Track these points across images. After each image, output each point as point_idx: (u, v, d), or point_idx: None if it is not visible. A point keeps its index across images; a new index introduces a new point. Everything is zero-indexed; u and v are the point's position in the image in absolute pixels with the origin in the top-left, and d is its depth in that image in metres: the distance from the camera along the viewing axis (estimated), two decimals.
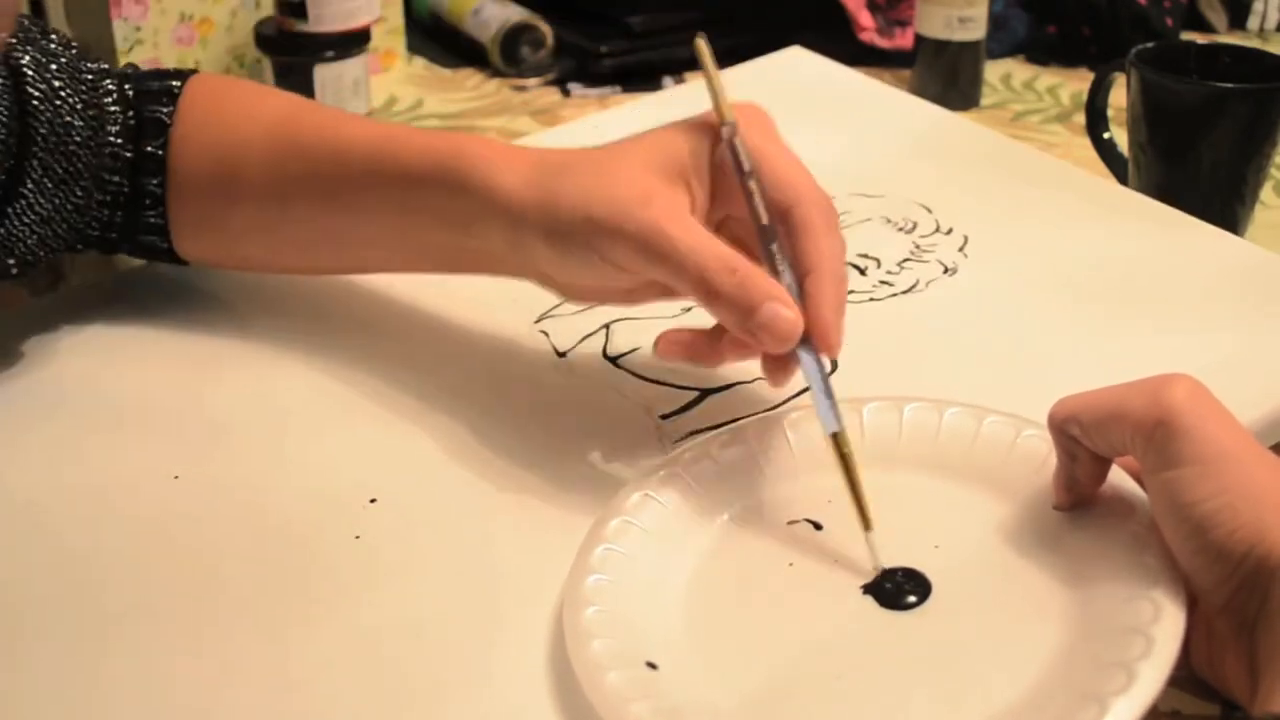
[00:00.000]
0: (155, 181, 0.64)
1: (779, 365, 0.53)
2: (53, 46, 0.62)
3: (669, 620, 0.47)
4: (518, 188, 0.55)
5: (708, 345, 0.54)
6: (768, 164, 0.53)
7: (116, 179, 0.64)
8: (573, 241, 0.53)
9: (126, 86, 0.65)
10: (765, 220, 0.52)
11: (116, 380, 0.63)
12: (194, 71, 0.67)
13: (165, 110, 0.64)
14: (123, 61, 0.97)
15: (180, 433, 0.59)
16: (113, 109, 0.64)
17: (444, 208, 0.58)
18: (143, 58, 0.98)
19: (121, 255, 0.75)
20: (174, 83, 0.65)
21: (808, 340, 0.51)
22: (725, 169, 0.54)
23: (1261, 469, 0.43)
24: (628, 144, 0.55)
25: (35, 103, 0.61)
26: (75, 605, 0.50)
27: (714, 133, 0.54)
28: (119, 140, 0.64)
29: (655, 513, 0.51)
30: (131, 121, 0.64)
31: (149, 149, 0.64)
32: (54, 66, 0.62)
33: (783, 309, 0.50)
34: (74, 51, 0.63)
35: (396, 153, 0.59)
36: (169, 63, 1.00)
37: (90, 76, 0.63)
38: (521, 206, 0.54)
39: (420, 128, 0.67)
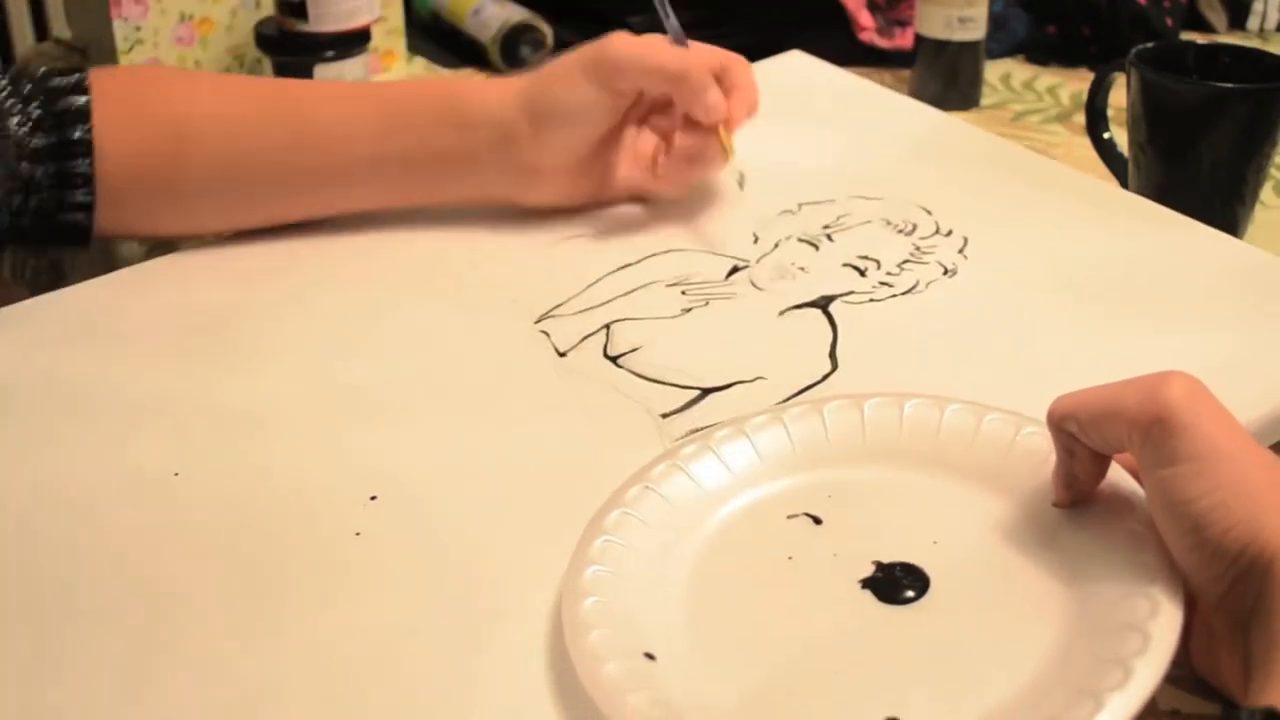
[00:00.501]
0: (83, 162, 0.67)
1: (701, 139, 0.73)
2: None
3: (668, 612, 0.47)
4: (508, 93, 0.72)
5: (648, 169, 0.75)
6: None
7: (26, 165, 0.67)
8: (568, 87, 0.71)
9: (24, 84, 0.68)
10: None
11: (116, 379, 0.63)
12: (87, 61, 0.72)
13: (81, 99, 0.68)
14: (123, 62, 0.97)
15: (180, 430, 0.59)
16: (10, 102, 0.67)
17: (435, 119, 0.72)
18: (143, 58, 0.98)
19: (122, 253, 0.76)
20: (77, 72, 0.69)
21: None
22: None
23: (1257, 467, 0.43)
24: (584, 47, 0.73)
25: None
26: (75, 603, 0.50)
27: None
28: (22, 130, 0.66)
29: (655, 505, 0.51)
30: (37, 113, 0.67)
31: (76, 135, 0.67)
32: None
33: (718, 93, 0.72)
34: None
35: (371, 86, 0.75)
36: (169, 62, 1.00)
37: None
38: (517, 98, 0.71)
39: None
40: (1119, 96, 0.83)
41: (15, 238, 0.69)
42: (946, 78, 1.01)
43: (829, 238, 0.73)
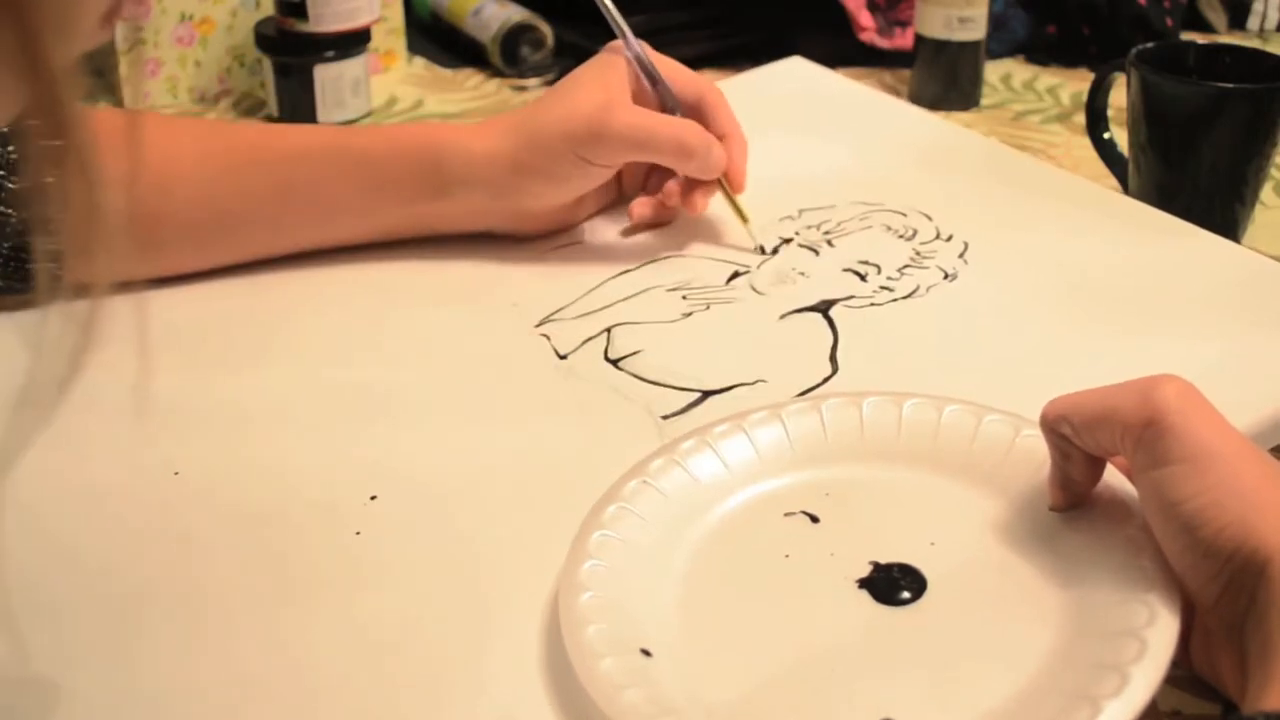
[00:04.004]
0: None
1: (697, 193, 0.72)
2: None
3: (664, 608, 0.48)
4: (493, 150, 0.69)
5: (664, 199, 0.73)
6: (668, 71, 0.73)
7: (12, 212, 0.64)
8: (558, 161, 0.68)
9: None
10: (679, 111, 0.73)
11: (116, 378, 0.63)
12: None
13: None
14: (123, 62, 0.97)
15: (180, 429, 0.59)
16: None
17: (415, 186, 0.69)
18: (143, 58, 0.98)
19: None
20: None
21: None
22: (638, 82, 0.72)
23: (1249, 467, 0.43)
24: (571, 77, 0.71)
25: None
26: (74, 602, 0.50)
27: (623, 57, 0.72)
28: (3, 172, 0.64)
29: (652, 500, 0.51)
30: (13, 155, 0.64)
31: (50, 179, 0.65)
32: None
33: (720, 150, 0.71)
34: None
35: (353, 143, 0.70)
36: (169, 62, 1.00)
37: None
38: (501, 158, 0.69)
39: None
40: (1119, 96, 0.83)
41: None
42: (946, 78, 1.01)
43: (829, 243, 0.73)
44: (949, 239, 0.73)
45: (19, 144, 0.65)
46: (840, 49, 1.05)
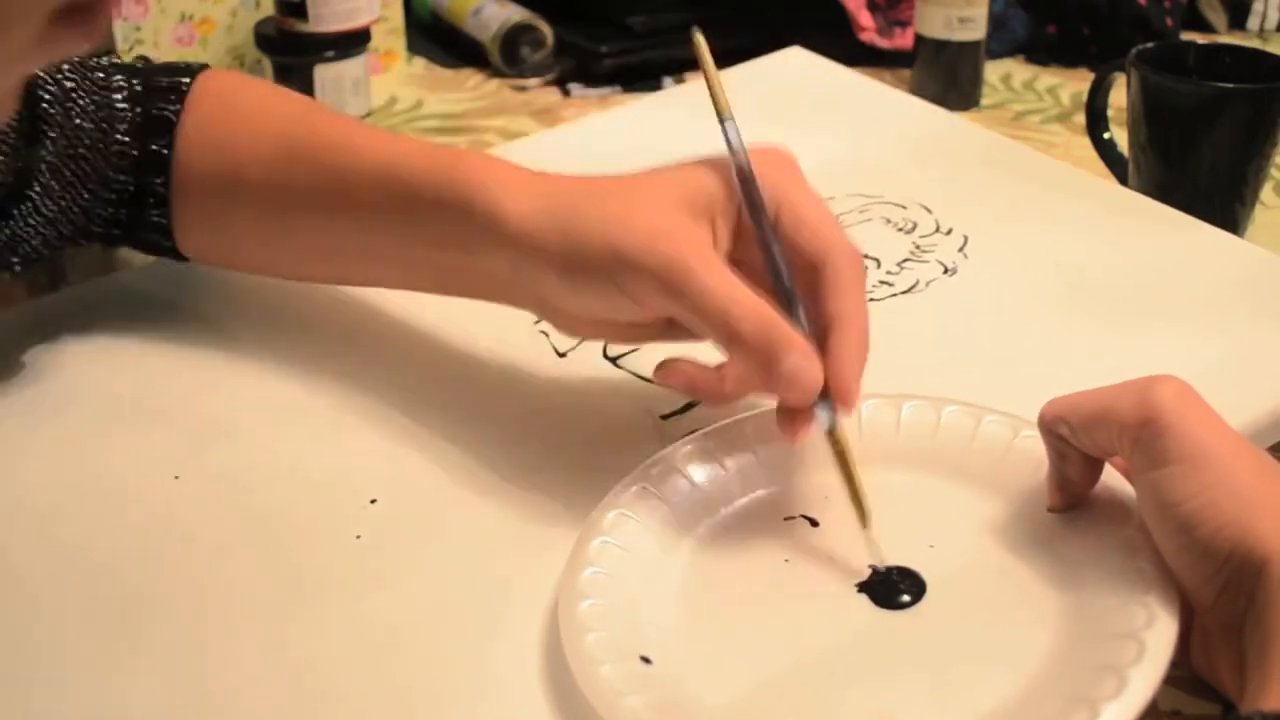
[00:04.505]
0: (160, 180, 0.63)
1: (795, 419, 0.50)
2: None
3: (664, 615, 0.47)
4: (526, 215, 0.53)
5: (712, 381, 0.52)
6: (793, 211, 0.52)
7: (123, 178, 0.63)
8: (591, 273, 0.51)
9: (135, 82, 0.64)
10: (786, 278, 0.51)
11: (117, 380, 0.63)
12: (204, 66, 0.66)
13: (173, 108, 0.64)
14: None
15: (181, 432, 0.59)
16: (121, 106, 0.63)
17: (446, 229, 0.56)
18: None
19: (122, 253, 0.76)
20: (183, 79, 0.65)
21: (825, 394, 0.49)
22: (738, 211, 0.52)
23: (1246, 467, 0.43)
24: (651, 175, 0.54)
25: (45, 105, 0.60)
26: (75, 604, 0.50)
27: (739, 173, 0.52)
28: (127, 139, 0.63)
29: (652, 506, 0.51)
30: (140, 119, 0.63)
31: (154, 147, 0.63)
32: (65, 66, 0.61)
33: (805, 362, 0.48)
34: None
35: (401, 169, 0.57)
36: None
37: (101, 75, 0.63)
38: (531, 234, 0.53)
39: (431, 141, 0.65)
40: (1119, 96, 0.83)
41: (111, 244, 0.66)
42: (946, 78, 1.01)
43: None
44: (949, 232, 0.73)
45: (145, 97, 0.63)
46: (840, 49, 1.05)
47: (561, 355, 0.64)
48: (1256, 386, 0.59)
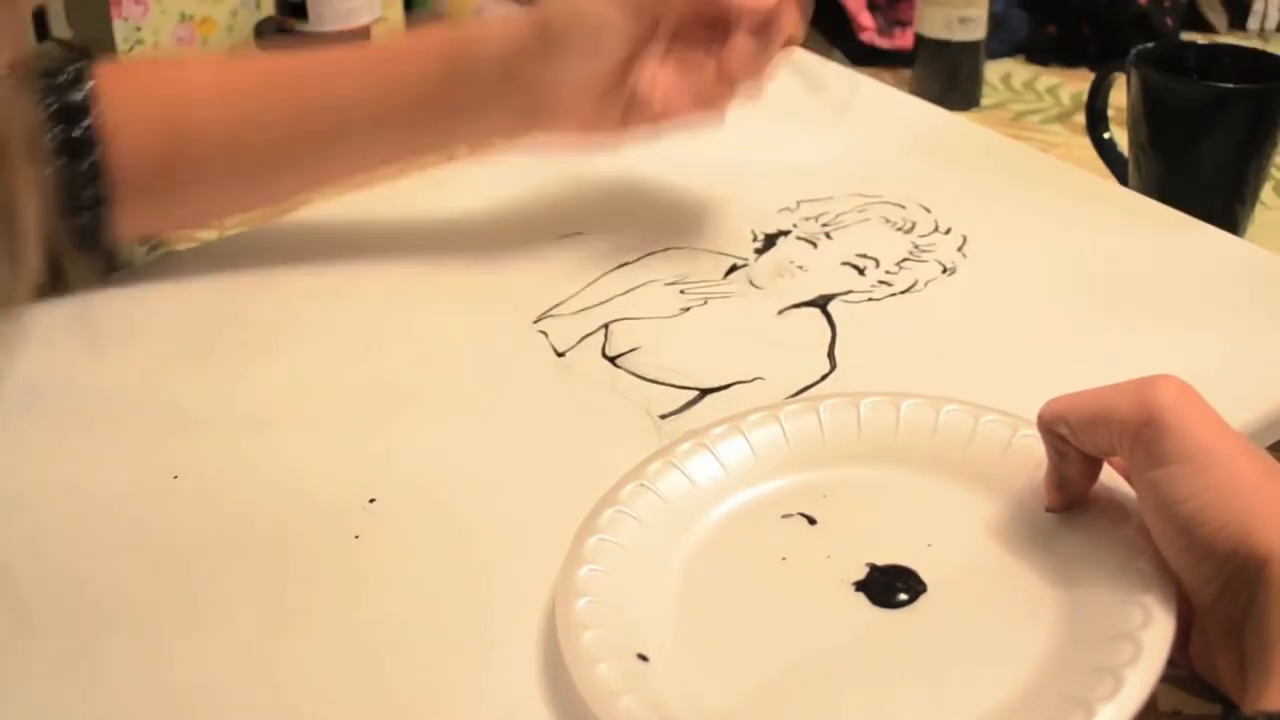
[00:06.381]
0: (89, 161, 0.65)
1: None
2: None
3: (661, 612, 0.47)
4: (515, 27, 0.65)
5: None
6: None
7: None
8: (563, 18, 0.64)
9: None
10: None
11: (116, 380, 0.63)
12: (87, 57, 0.67)
13: (80, 93, 0.65)
14: None
15: (180, 432, 0.59)
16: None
17: (429, 71, 0.66)
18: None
19: (122, 254, 0.76)
20: (74, 69, 0.66)
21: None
22: None
23: (1247, 467, 0.43)
24: None
25: None
26: (74, 604, 0.50)
27: None
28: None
29: (649, 504, 0.51)
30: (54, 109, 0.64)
31: (76, 134, 0.64)
32: None
33: None
34: None
35: (367, 47, 0.70)
36: None
37: None
38: (521, 32, 0.65)
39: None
40: (1119, 96, 0.83)
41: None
42: (946, 78, 1.01)
43: (828, 235, 0.73)
44: (948, 232, 0.73)
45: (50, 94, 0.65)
46: (840, 49, 1.05)
47: (560, 354, 0.64)
48: (1256, 386, 0.59)
